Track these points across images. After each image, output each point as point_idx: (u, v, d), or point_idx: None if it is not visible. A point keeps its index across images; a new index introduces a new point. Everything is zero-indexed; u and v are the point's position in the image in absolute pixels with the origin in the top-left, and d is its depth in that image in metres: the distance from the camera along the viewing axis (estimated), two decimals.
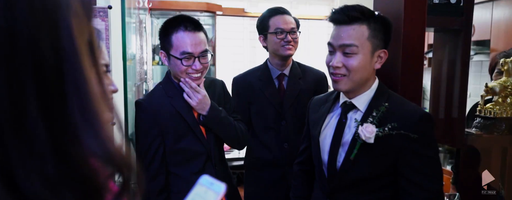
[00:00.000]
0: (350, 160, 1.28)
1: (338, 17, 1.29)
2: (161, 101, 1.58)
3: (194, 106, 1.57)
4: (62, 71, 0.36)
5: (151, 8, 3.35)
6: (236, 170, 3.39)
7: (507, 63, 1.71)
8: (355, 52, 1.26)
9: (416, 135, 1.21)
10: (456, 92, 1.65)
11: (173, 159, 1.59)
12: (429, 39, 3.53)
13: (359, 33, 1.26)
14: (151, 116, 1.55)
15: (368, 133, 1.22)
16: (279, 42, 1.96)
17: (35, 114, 0.34)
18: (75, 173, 0.36)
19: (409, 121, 1.24)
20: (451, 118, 1.68)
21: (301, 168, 1.59)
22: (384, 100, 1.30)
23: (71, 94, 0.36)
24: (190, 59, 1.53)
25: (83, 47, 0.38)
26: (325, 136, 1.37)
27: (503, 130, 1.70)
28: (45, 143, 0.34)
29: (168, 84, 1.63)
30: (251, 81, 2.04)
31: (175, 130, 1.57)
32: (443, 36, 1.70)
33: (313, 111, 1.49)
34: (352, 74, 1.27)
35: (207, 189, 0.66)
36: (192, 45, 1.52)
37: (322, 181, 1.39)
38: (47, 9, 0.35)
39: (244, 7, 4.61)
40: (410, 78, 1.51)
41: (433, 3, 1.55)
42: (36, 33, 0.34)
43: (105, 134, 0.38)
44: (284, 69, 2.03)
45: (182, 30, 1.53)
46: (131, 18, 2.29)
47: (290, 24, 1.99)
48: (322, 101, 1.48)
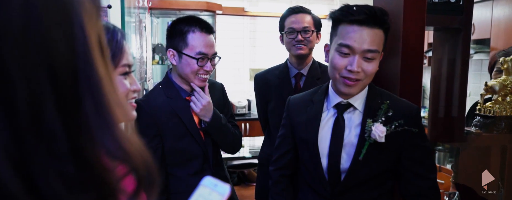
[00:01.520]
0: (359, 161, 1.27)
1: (362, 18, 1.21)
2: (159, 101, 1.58)
3: (197, 113, 1.58)
4: (76, 69, 0.36)
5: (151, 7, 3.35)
6: (236, 169, 3.39)
7: (506, 62, 1.71)
8: (375, 58, 1.24)
9: (417, 129, 1.26)
10: (456, 91, 1.65)
11: (170, 160, 1.60)
12: (429, 38, 3.53)
13: (380, 39, 1.24)
14: (149, 117, 1.55)
15: (380, 132, 1.23)
16: (290, 41, 1.97)
17: (53, 114, 0.34)
18: (91, 173, 0.36)
19: (408, 116, 1.28)
20: (451, 117, 1.68)
21: (282, 174, 1.48)
22: (378, 97, 1.31)
23: (85, 93, 0.36)
24: (204, 60, 1.54)
25: (95, 45, 0.38)
26: (322, 139, 1.33)
27: (503, 129, 1.70)
28: (64, 143, 0.34)
29: (168, 84, 1.63)
30: (270, 79, 2.07)
31: (173, 132, 1.57)
32: (443, 35, 1.70)
33: (295, 112, 1.42)
34: (367, 79, 1.26)
35: (212, 191, 0.65)
36: (208, 46, 1.54)
37: (322, 185, 1.34)
38: (61, 7, 0.35)
39: (244, 6, 4.61)
40: (410, 77, 1.51)
41: (432, 2, 1.55)
42: (51, 31, 0.34)
43: (121, 133, 0.38)
44: (302, 69, 2.03)
45: (199, 30, 1.54)
46: (131, 18, 2.29)
47: (303, 23, 1.97)
48: (306, 102, 1.41)
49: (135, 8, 2.49)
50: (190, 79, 1.57)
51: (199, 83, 1.58)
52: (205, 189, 0.65)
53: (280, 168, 1.49)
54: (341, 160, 1.30)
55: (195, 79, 1.56)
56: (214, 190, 0.65)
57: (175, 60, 1.58)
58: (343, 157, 1.30)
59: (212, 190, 0.65)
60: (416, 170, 1.31)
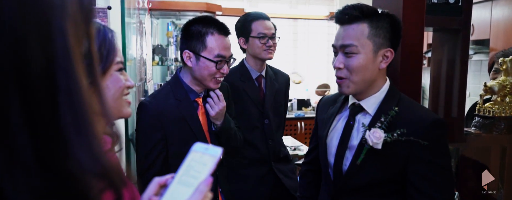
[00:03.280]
0: (356, 165, 1.24)
1: (339, 17, 1.28)
2: (167, 103, 1.56)
3: (212, 116, 1.58)
4: (53, 78, 0.33)
5: (151, 8, 3.35)
6: None
7: (505, 63, 1.71)
8: (355, 52, 1.23)
9: (427, 142, 1.16)
10: (455, 91, 1.65)
11: (175, 163, 1.58)
12: (428, 39, 3.53)
13: (358, 32, 1.23)
14: (155, 119, 1.52)
15: (375, 138, 1.18)
16: (261, 46, 2.05)
17: (18, 121, 0.32)
18: (66, 187, 0.34)
19: (419, 127, 1.19)
20: (450, 118, 1.68)
21: (308, 168, 1.58)
22: (394, 103, 1.25)
23: (63, 104, 0.34)
24: (222, 63, 1.54)
25: (79, 54, 0.35)
26: (332, 138, 1.35)
27: (502, 129, 1.70)
28: (29, 153, 0.32)
29: (177, 85, 1.60)
30: (233, 81, 2.07)
31: (179, 136, 1.55)
32: (442, 35, 1.71)
33: (322, 111, 1.47)
34: (353, 76, 1.24)
35: (203, 154, 0.65)
36: (226, 48, 1.54)
37: (328, 183, 1.36)
38: (38, 8, 0.33)
39: (244, 7, 4.62)
40: (409, 78, 1.52)
41: (431, 3, 1.55)
42: (22, 32, 0.31)
43: (99, 148, 0.36)
44: (262, 71, 2.13)
45: (217, 32, 1.53)
46: (131, 19, 2.29)
47: (271, 29, 2.09)
48: (332, 101, 1.44)
49: (135, 9, 2.49)
50: (206, 81, 1.55)
51: (214, 86, 1.57)
52: (196, 154, 0.66)
53: (307, 162, 1.59)
54: (344, 161, 1.30)
55: (210, 81, 1.55)
56: (205, 153, 0.65)
57: (192, 62, 1.55)
58: (347, 158, 1.29)
59: (204, 154, 0.65)
60: (421, 187, 1.19)
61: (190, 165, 0.64)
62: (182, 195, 0.61)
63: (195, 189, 0.61)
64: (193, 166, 0.64)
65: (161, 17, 4.18)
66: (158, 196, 0.71)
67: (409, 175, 1.22)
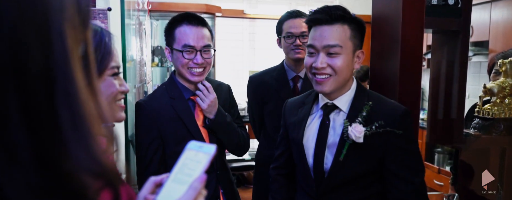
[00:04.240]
0: (340, 161, 1.29)
1: (320, 17, 1.28)
2: (162, 103, 1.57)
3: (203, 109, 1.56)
4: (52, 79, 0.34)
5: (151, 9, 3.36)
6: (235, 171, 3.39)
7: (505, 64, 1.71)
8: (339, 53, 1.27)
9: (401, 131, 1.26)
10: (455, 93, 1.65)
11: (172, 163, 1.58)
12: (428, 40, 3.54)
13: (342, 33, 1.27)
14: (151, 118, 1.54)
15: (357, 133, 1.24)
16: (289, 46, 1.99)
17: (17, 120, 0.32)
18: (64, 186, 0.35)
19: (392, 118, 1.27)
20: (449, 119, 1.69)
21: (278, 173, 1.56)
22: (365, 99, 1.32)
23: (61, 105, 0.34)
24: (192, 53, 1.52)
25: (77, 56, 0.36)
26: (308, 139, 1.37)
27: (502, 131, 1.70)
28: (27, 151, 0.33)
29: (172, 84, 1.61)
30: (267, 81, 2.07)
31: (174, 134, 1.55)
32: (442, 37, 1.71)
33: (290, 114, 1.47)
34: (338, 75, 1.28)
35: (197, 152, 0.66)
36: (194, 38, 1.52)
37: (309, 184, 1.38)
38: (37, 11, 0.33)
39: (244, 8, 4.62)
40: (409, 79, 1.52)
41: (431, 5, 1.55)
42: (22, 34, 0.32)
43: (97, 148, 0.37)
44: (300, 71, 2.05)
45: (185, 24, 1.53)
46: (131, 20, 2.29)
47: (301, 28, 1.97)
48: (299, 104, 1.46)
49: (135, 11, 2.49)
50: (184, 75, 1.55)
51: (191, 78, 1.54)
52: (190, 152, 0.66)
53: (277, 167, 1.56)
54: (325, 160, 1.33)
55: (187, 74, 1.54)
56: (199, 151, 0.66)
57: (170, 57, 1.58)
58: (327, 157, 1.33)
59: (198, 151, 0.66)
60: (399, 173, 1.29)
61: (185, 163, 0.65)
62: (176, 193, 0.61)
63: (189, 187, 0.61)
64: (187, 164, 0.65)
65: (160, 19, 4.18)
66: (153, 195, 0.71)
67: (388, 164, 1.30)
